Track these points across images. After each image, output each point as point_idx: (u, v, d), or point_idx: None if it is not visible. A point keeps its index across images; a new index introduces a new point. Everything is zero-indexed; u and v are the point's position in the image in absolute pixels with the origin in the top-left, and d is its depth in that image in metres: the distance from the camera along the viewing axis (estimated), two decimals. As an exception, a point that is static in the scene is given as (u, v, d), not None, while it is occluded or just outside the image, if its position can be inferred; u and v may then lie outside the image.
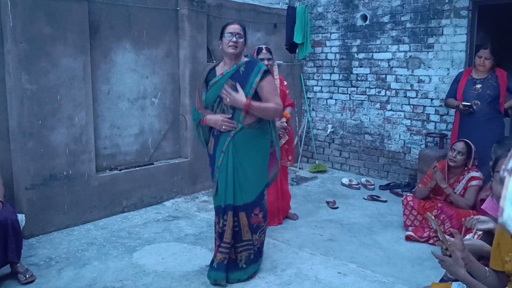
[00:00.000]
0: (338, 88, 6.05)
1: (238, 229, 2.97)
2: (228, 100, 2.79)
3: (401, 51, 5.39)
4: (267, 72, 2.89)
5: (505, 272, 1.73)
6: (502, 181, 0.86)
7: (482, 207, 2.88)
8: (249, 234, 3.00)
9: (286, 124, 3.98)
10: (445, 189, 3.67)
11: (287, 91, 4.20)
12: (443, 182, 3.70)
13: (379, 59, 5.60)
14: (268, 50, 3.95)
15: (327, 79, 6.19)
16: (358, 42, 5.78)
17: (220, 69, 2.97)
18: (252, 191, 2.96)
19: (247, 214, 2.96)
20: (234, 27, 2.86)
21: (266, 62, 3.90)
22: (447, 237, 1.74)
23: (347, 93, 5.98)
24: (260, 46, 4.05)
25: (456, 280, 2.16)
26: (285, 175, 4.26)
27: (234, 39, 2.82)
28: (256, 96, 2.87)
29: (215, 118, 2.90)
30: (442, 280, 2.24)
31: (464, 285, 1.95)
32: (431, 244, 3.64)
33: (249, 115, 2.86)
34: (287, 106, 4.05)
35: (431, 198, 3.90)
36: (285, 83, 4.18)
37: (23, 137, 3.60)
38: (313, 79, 6.32)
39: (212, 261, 3.01)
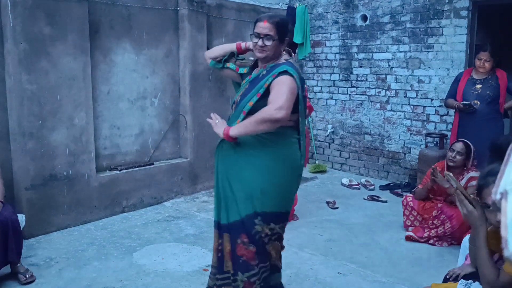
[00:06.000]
0: (338, 89, 6.06)
1: (221, 254, 2.40)
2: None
3: (401, 51, 5.39)
4: (282, 73, 2.29)
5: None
6: (496, 206, 0.77)
7: None
8: (230, 265, 2.36)
9: None
10: (447, 189, 3.66)
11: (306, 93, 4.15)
12: (445, 182, 3.69)
13: (379, 59, 5.60)
14: (287, 52, 3.95)
15: (327, 79, 6.19)
16: (358, 42, 5.78)
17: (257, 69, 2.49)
18: (238, 208, 2.32)
19: (230, 238, 2.35)
20: (262, 26, 2.31)
21: None
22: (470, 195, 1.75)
23: (347, 93, 5.98)
24: None
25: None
26: None
27: (260, 42, 2.32)
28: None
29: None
30: (445, 280, 2.24)
31: (469, 286, 1.95)
32: (431, 244, 3.64)
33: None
34: None
35: (431, 199, 3.90)
36: (305, 86, 4.05)
37: (23, 137, 3.60)
38: (313, 79, 6.32)
39: None
